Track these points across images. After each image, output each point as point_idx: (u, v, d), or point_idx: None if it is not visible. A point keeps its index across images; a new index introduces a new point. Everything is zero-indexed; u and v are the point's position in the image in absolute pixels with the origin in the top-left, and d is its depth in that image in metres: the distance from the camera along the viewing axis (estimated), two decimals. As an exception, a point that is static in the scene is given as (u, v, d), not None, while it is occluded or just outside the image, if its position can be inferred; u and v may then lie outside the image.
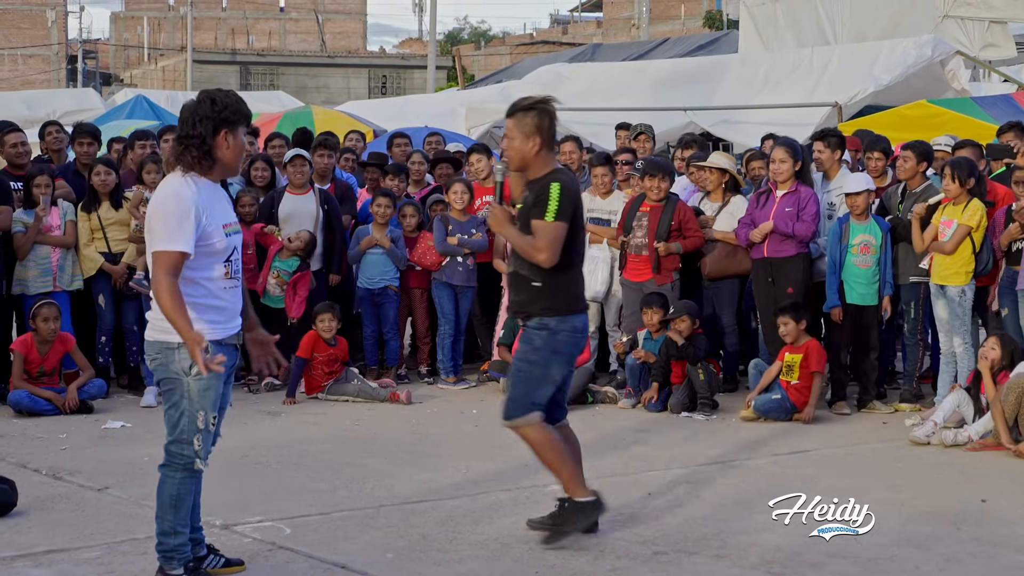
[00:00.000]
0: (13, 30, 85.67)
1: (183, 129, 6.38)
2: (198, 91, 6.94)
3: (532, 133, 7.35)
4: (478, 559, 7.03)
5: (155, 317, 6.36)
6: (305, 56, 74.75)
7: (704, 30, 52.90)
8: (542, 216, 7.25)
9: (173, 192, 6.34)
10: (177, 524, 6.49)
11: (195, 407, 6.39)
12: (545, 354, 7.41)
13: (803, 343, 11.21)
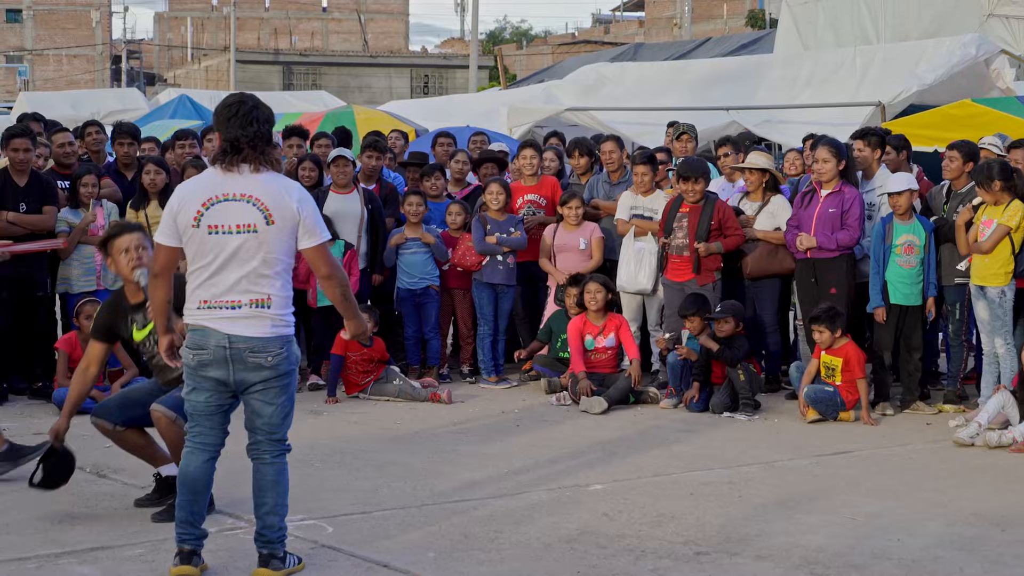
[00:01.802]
0: (58, 31, 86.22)
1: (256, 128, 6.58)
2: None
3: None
4: (520, 558, 7.03)
5: (273, 314, 6.56)
6: (347, 56, 74.93)
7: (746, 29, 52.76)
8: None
9: (298, 187, 6.71)
10: (287, 508, 6.83)
11: (293, 402, 6.81)
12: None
13: (840, 345, 11.18)
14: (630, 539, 7.37)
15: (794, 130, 17.30)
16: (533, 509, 8.04)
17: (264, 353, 6.56)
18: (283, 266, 6.58)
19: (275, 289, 6.56)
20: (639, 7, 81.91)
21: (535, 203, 13.27)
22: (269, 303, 6.54)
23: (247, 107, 6.61)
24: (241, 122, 6.55)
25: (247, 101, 6.65)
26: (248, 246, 6.50)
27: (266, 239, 6.51)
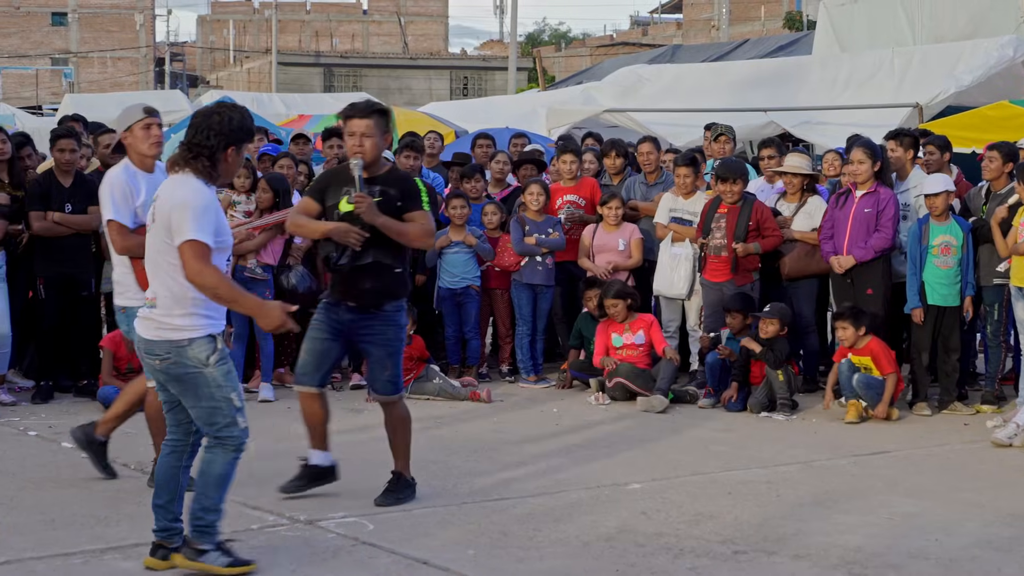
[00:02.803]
0: (103, 33, 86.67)
1: (196, 137, 6.58)
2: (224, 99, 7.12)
3: (386, 132, 8.05)
4: (558, 556, 7.03)
5: (159, 316, 6.53)
6: (387, 58, 75.08)
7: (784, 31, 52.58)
8: (421, 206, 8.02)
9: (196, 188, 6.53)
10: (220, 502, 6.68)
11: (226, 391, 6.57)
12: (404, 330, 8.23)
13: (864, 345, 11.14)
14: (668, 538, 7.36)
15: (832, 131, 17.25)
16: (572, 507, 8.04)
17: (153, 356, 6.58)
18: (167, 267, 6.51)
19: (163, 289, 6.53)
20: (677, 9, 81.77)
21: (574, 203, 13.26)
22: (155, 303, 6.55)
23: (199, 117, 6.67)
24: (191, 130, 6.65)
25: (208, 112, 6.67)
26: (148, 244, 6.64)
27: (152, 238, 6.59)
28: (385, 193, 7.98)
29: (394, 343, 8.11)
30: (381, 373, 8.17)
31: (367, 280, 8.00)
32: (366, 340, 8.13)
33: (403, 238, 8.02)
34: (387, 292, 8.04)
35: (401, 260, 8.11)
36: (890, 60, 19.22)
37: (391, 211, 7.96)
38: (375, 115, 8.00)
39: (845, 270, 11.56)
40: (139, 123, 8.33)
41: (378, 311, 8.05)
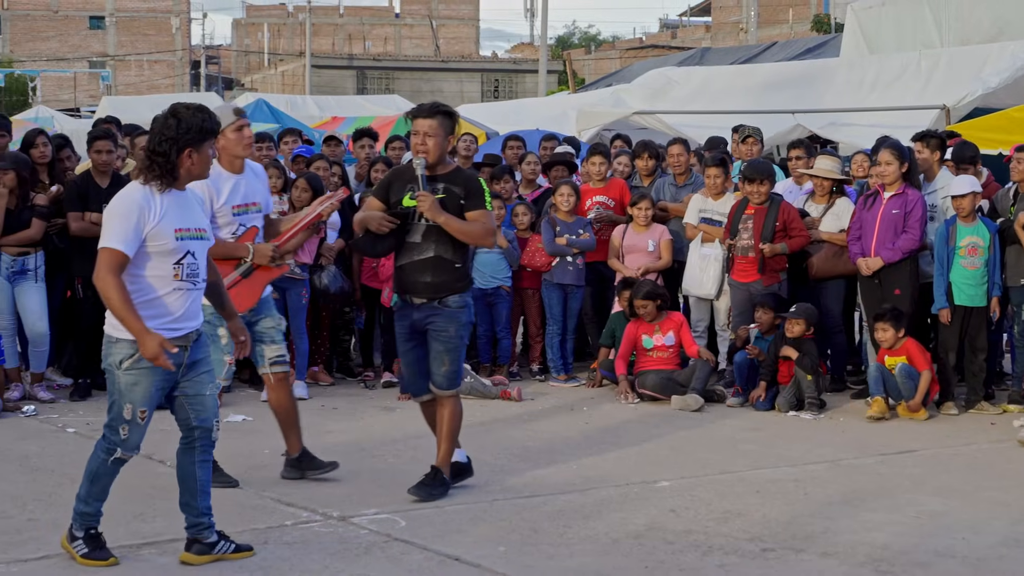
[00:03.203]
0: (139, 37, 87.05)
1: (151, 144, 6.64)
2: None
3: (451, 133, 8.19)
4: (588, 553, 7.02)
5: (109, 311, 6.62)
6: (420, 61, 75.19)
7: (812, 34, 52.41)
8: (483, 205, 8.09)
9: (123, 195, 6.65)
10: (90, 496, 6.78)
11: (123, 399, 6.65)
12: (467, 328, 8.31)
13: (900, 346, 11.11)
14: (697, 535, 7.34)
15: (859, 133, 17.17)
16: (601, 505, 8.03)
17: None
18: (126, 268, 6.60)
19: None
20: (706, 12, 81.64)
21: (604, 204, 13.26)
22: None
23: (156, 123, 6.74)
24: (149, 136, 6.75)
25: (164, 117, 6.70)
26: None
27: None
28: (449, 191, 8.11)
29: (455, 339, 8.20)
30: (439, 367, 8.25)
31: (428, 274, 8.13)
32: (430, 335, 8.24)
33: (464, 236, 8.12)
34: (447, 286, 8.15)
35: (462, 256, 8.22)
36: (917, 62, 19.13)
37: (454, 208, 8.09)
38: (439, 116, 8.13)
39: (873, 271, 11.52)
40: (231, 126, 8.38)
41: (443, 306, 8.16)
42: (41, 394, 11.58)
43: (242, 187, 8.44)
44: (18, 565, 6.74)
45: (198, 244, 6.74)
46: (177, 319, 6.67)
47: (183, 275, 6.66)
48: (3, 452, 9.51)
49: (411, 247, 8.16)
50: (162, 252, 6.58)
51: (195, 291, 6.76)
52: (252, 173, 8.60)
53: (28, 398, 11.48)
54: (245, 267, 8.37)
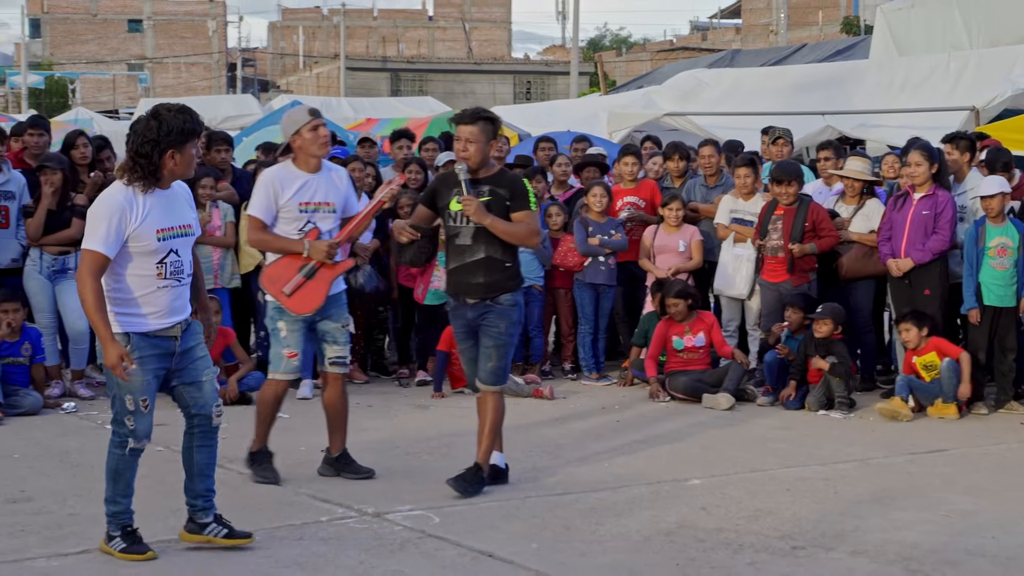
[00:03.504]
0: (176, 40, 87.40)
1: (133, 146, 6.70)
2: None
3: (493, 138, 8.26)
4: (620, 550, 7.02)
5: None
6: (452, 63, 75.21)
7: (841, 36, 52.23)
8: (528, 206, 8.21)
9: (105, 196, 6.74)
10: (116, 495, 6.88)
11: (123, 392, 6.75)
12: (518, 326, 8.42)
13: (926, 345, 11.07)
14: (728, 533, 7.33)
15: (888, 134, 17.12)
16: (633, 502, 8.02)
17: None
18: (110, 266, 6.70)
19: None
20: (736, 14, 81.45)
21: (635, 205, 13.25)
22: None
23: (138, 125, 6.79)
24: (130, 138, 6.80)
25: (145, 119, 6.77)
26: None
27: None
28: (495, 192, 8.21)
29: (504, 336, 8.29)
30: (486, 363, 8.34)
31: (479, 274, 8.23)
32: (481, 329, 8.33)
33: (509, 237, 8.23)
34: (498, 286, 8.25)
35: (512, 255, 8.31)
36: (946, 64, 19.04)
37: (500, 210, 8.19)
38: (480, 121, 8.23)
39: (903, 273, 11.48)
40: (307, 126, 8.41)
41: (495, 303, 8.25)
42: (81, 391, 11.64)
43: (313, 186, 8.45)
44: (59, 559, 6.78)
45: (182, 241, 6.85)
46: (164, 314, 6.80)
47: (167, 273, 6.77)
48: (44, 448, 9.57)
49: (461, 249, 8.26)
50: (144, 252, 6.69)
51: (180, 287, 6.87)
52: (330, 174, 8.60)
53: (68, 395, 11.54)
54: (308, 268, 8.38)
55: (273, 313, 8.50)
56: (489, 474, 8.41)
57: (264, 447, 8.60)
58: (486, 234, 8.17)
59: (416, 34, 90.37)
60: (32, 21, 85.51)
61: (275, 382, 8.58)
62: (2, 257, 11.85)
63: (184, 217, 6.88)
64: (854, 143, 17.49)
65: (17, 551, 6.88)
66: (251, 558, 6.79)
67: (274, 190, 8.38)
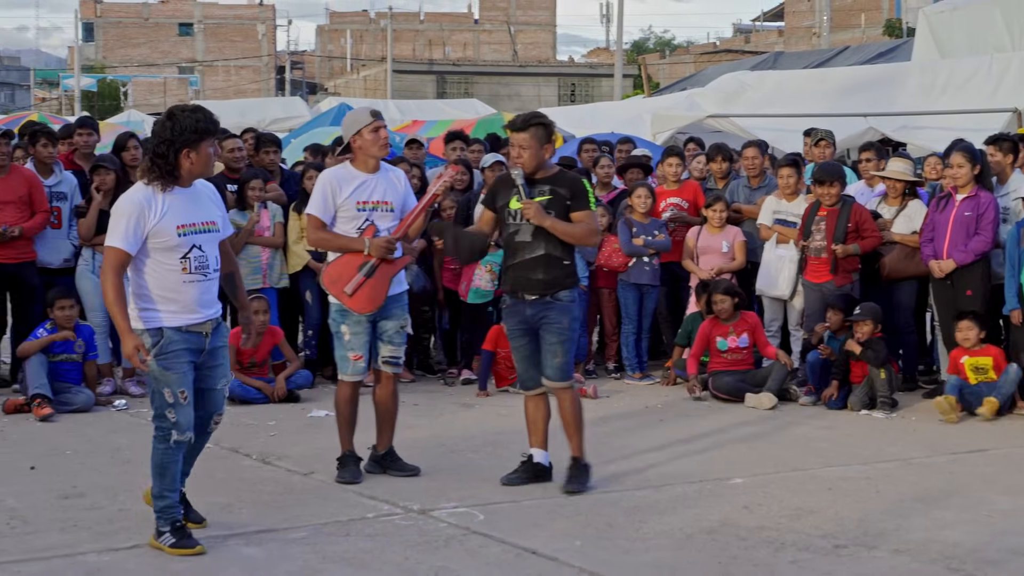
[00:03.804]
0: (227, 43, 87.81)
1: (151, 147, 6.88)
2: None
3: (547, 142, 8.29)
4: (663, 548, 7.00)
5: (132, 305, 6.85)
6: (498, 66, 75.28)
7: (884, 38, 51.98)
8: (587, 206, 8.26)
9: (126, 196, 6.92)
10: (163, 489, 6.92)
11: (160, 385, 6.84)
12: (578, 321, 8.49)
13: (982, 346, 11.00)
14: (770, 531, 7.30)
15: (930, 136, 17.02)
16: (676, 501, 8.00)
17: None
18: (133, 264, 6.84)
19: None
20: (779, 17, 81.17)
21: (678, 206, 13.23)
22: None
23: (156, 126, 6.95)
24: (150, 139, 7.06)
25: (161, 120, 6.92)
26: None
27: None
28: (555, 192, 8.26)
29: (567, 332, 8.31)
30: (551, 359, 8.36)
31: (538, 271, 8.26)
32: (542, 327, 8.35)
33: (568, 237, 8.26)
34: (556, 283, 8.27)
35: (570, 253, 8.34)
36: (988, 66, 18.91)
37: (560, 209, 8.24)
38: (532, 127, 8.28)
39: (946, 274, 11.41)
40: (368, 127, 8.45)
41: (555, 300, 8.28)
42: (132, 389, 11.71)
43: (372, 185, 8.48)
44: (110, 554, 6.82)
45: (205, 237, 6.94)
46: (192, 308, 6.90)
47: (191, 268, 6.88)
48: (96, 445, 9.63)
49: (521, 246, 8.29)
50: (166, 248, 6.80)
51: (207, 282, 6.96)
52: (388, 174, 8.62)
53: (119, 393, 11.61)
54: (368, 267, 8.40)
55: (336, 316, 8.52)
56: (535, 472, 8.41)
57: (349, 451, 8.59)
58: (545, 231, 8.21)
59: (462, 37, 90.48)
60: (85, 25, 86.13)
61: (344, 385, 8.60)
62: (55, 257, 11.94)
63: (208, 214, 6.99)
64: (896, 145, 17.39)
65: (69, 545, 6.92)
66: (298, 554, 6.81)
67: (332, 189, 8.43)
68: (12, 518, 7.45)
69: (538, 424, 8.60)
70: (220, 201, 7.24)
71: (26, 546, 6.91)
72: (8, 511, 7.61)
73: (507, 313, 8.52)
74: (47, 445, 9.53)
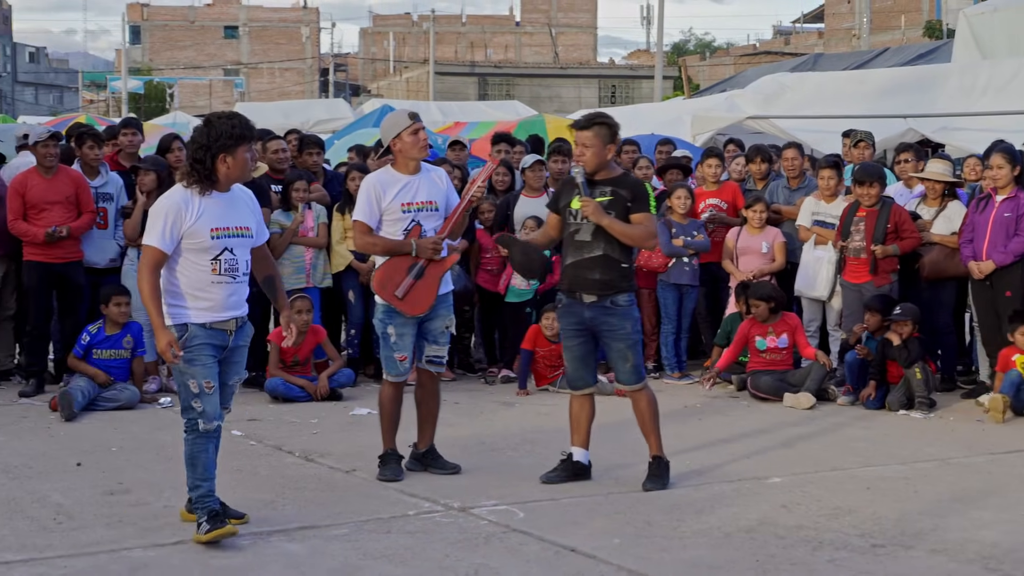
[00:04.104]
0: (271, 46, 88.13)
1: (189, 152, 7.08)
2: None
3: (610, 142, 8.24)
4: (701, 546, 6.99)
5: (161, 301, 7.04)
6: (539, 67, 75.23)
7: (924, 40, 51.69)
8: (647, 209, 8.24)
9: (164, 197, 7.11)
10: (196, 479, 7.04)
11: (186, 377, 7.00)
12: (638, 322, 8.48)
13: None
14: (808, 530, 7.28)
15: (970, 137, 16.91)
16: (714, 500, 7.99)
17: None
18: (168, 261, 7.01)
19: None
20: (819, 19, 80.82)
21: (717, 207, 13.21)
22: None
23: (195, 132, 7.13)
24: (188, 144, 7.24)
25: (199, 127, 7.11)
26: None
27: None
28: (616, 194, 8.25)
29: (632, 335, 8.35)
30: (624, 364, 8.40)
31: (596, 271, 8.26)
32: (606, 335, 8.36)
33: (627, 238, 8.26)
34: (613, 284, 8.27)
35: (628, 256, 8.35)
36: (1029, 67, 18.79)
37: (621, 210, 8.23)
38: (595, 127, 8.27)
39: (985, 275, 11.34)
40: (407, 129, 8.47)
41: (614, 306, 8.28)
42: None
43: (415, 187, 8.50)
44: (155, 549, 6.86)
45: (237, 241, 7.10)
46: (220, 308, 7.05)
47: (221, 270, 7.03)
48: (141, 442, 9.69)
49: (580, 245, 8.30)
50: (199, 249, 6.96)
51: (235, 284, 7.11)
52: (429, 174, 8.63)
53: (164, 390, 11.67)
54: (417, 268, 8.42)
55: (382, 317, 8.53)
56: (575, 470, 8.41)
57: (391, 449, 8.61)
58: (605, 232, 8.21)
59: (503, 39, 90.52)
60: (132, 28, 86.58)
61: (388, 385, 8.62)
62: (101, 257, 12.03)
63: (242, 220, 7.14)
64: (935, 146, 17.29)
65: (115, 541, 6.97)
66: (340, 551, 6.83)
67: (376, 194, 8.45)
68: (58, 514, 7.51)
69: (581, 423, 8.59)
70: (257, 208, 7.35)
71: (72, 541, 6.96)
72: (55, 507, 7.67)
73: (562, 313, 8.51)
74: (93, 442, 9.60)
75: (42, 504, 7.73)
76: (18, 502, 7.77)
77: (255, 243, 7.24)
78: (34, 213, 11.52)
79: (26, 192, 11.53)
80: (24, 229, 11.49)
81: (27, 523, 7.31)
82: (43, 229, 11.41)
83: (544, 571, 6.56)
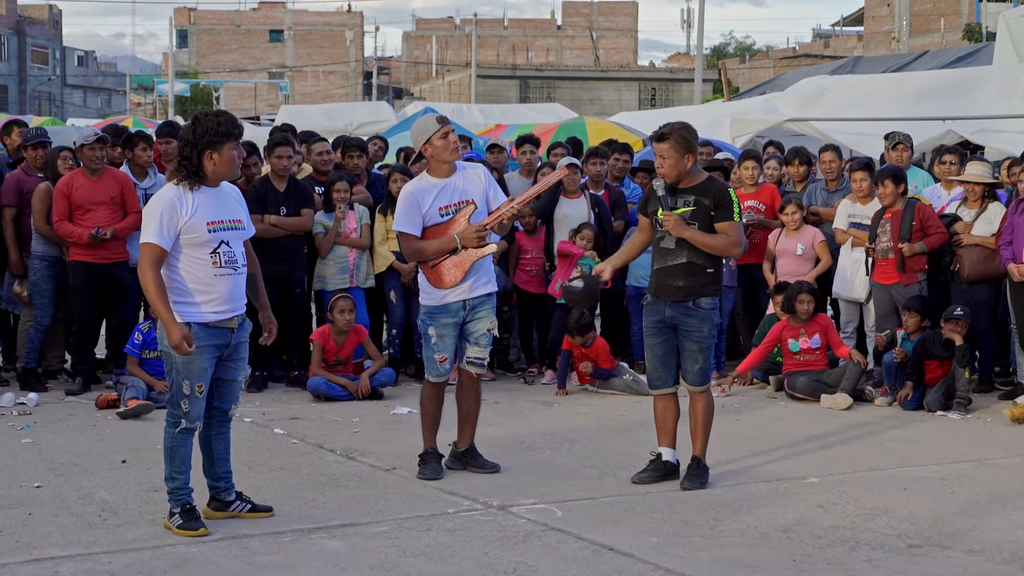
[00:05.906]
0: (315, 49, 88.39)
1: (178, 150, 7.14)
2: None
3: (688, 151, 8.20)
4: (738, 545, 6.97)
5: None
6: (580, 70, 75.19)
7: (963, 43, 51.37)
8: (731, 217, 8.19)
9: (158, 195, 7.14)
10: (172, 471, 7.18)
11: (181, 377, 7.09)
12: (717, 327, 8.58)
13: None
14: (844, 530, 7.25)
15: (1010, 140, 16.80)
16: (751, 499, 7.97)
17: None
18: (168, 259, 7.03)
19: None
20: (858, 22, 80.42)
21: (755, 208, 13.16)
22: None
23: (182, 130, 7.24)
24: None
25: (186, 125, 7.20)
26: None
27: None
28: (699, 203, 8.25)
29: (707, 339, 8.36)
30: (693, 365, 8.41)
31: (680, 278, 8.28)
32: (682, 335, 8.37)
33: (709, 248, 8.25)
34: (696, 290, 8.27)
35: (713, 262, 8.31)
36: (1068, 70, 18.67)
37: (704, 218, 8.23)
38: (670, 138, 8.24)
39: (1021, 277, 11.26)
40: (437, 134, 8.46)
41: (696, 307, 8.29)
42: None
43: (451, 189, 8.49)
44: (197, 545, 6.88)
45: (232, 234, 7.19)
46: (222, 302, 7.12)
47: (221, 262, 7.10)
48: (185, 439, 9.72)
49: (665, 252, 8.32)
50: (197, 243, 7.02)
51: (236, 275, 7.20)
52: (465, 173, 8.62)
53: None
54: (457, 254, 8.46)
55: (424, 318, 8.54)
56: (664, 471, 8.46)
57: (431, 447, 8.62)
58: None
59: (545, 43, 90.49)
60: (179, 32, 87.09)
61: (428, 384, 8.63)
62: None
63: (234, 213, 7.25)
64: (974, 148, 17.18)
65: (158, 537, 7.01)
66: (379, 548, 6.84)
67: (414, 203, 8.43)
68: (103, 510, 7.56)
69: (667, 423, 8.60)
70: (244, 202, 7.46)
71: (116, 537, 7.00)
72: (99, 503, 7.72)
73: (647, 311, 8.52)
74: (137, 439, 9.64)
75: (87, 501, 7.78)
76: (64, 499, 7.82)
77: (247, 235, 7.35)
78: (79, 214, 11.57)
79: (71, 193, 11.59)
80: (69, 230, 11.54)
81: (73, 519, 7.36)
82: (87, 230, 11.47)
83: (582, 569, 6.56)
